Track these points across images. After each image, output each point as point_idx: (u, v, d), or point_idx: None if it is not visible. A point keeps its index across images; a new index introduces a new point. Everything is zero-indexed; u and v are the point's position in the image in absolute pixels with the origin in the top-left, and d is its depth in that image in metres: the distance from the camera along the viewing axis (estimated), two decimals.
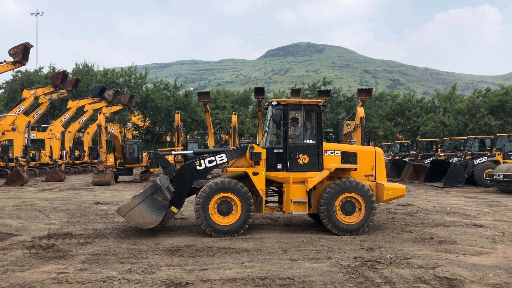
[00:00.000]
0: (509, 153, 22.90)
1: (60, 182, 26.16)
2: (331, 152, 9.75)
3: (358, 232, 9.20)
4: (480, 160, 22.17)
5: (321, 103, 9.83)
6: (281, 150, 9.52)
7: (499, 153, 22.78)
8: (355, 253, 7.60)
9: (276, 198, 10.94)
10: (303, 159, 9.53)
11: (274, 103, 9.73)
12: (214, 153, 9.79)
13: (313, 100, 10.09)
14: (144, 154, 29.58)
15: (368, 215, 9.24)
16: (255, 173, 9.33)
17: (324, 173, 9.39)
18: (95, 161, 31.11)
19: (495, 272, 6.41)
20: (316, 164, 9.58)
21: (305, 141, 9.75)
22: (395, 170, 27.57)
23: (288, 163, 9.48)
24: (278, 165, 9.51)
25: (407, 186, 21.99)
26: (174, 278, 6.13)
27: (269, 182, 9.80)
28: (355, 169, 9.70)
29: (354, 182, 9.30)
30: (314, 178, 9.35)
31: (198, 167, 9.52)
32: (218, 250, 7.80)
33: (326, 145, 9.81)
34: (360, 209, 9.28)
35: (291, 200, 9.41)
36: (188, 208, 12.51)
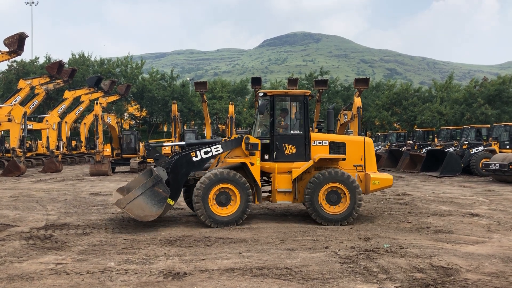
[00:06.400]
0: (505, 142, 22.96)
1: (57, 172, 26.11)
2: (319, 142, 9.77)
3: (342, 223, 9.20)
4: (477, 150, 22.23)
5: (308, 94, 9.86)
6: (268, 141, 9.68)
7: (495, 142, 22.85)
8: (352, 242, 7.64)
9: (269, 188, 10.96)
10: (290, 149, 9.62)
11: (261, 94, 9.90)
12: (208, 144, 9.74)
13: (300, 90, 10.11)
14: (141, 144, 29.58)
15: (353, 204, 9.22)
16: (251, 164, 9.42)
17: (309, 163, 9.46)
18: (92, 151, 30.96)
19: (490, 261, 6.46)
20: (303, 154, 9.64)
21: (291, 132, 9.82)
22: (392, 160, 27.61)
23: (275, 154, 9.59)
24: (265, 155, 9.68)
25: (404, 176, 22.17)
26: (172, 268, 6.16)
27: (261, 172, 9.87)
28: (343, 159, 9.66)
29: (339, 172, 9.30)
30: (299, 168, 9.44)
31: (194, 158, 9.46)
32: (216, 240, 7.83)
33: (313, 135, 9.84)
34: (345, 198, 9.31)
35: (276, 189, 9.55)
36: None
